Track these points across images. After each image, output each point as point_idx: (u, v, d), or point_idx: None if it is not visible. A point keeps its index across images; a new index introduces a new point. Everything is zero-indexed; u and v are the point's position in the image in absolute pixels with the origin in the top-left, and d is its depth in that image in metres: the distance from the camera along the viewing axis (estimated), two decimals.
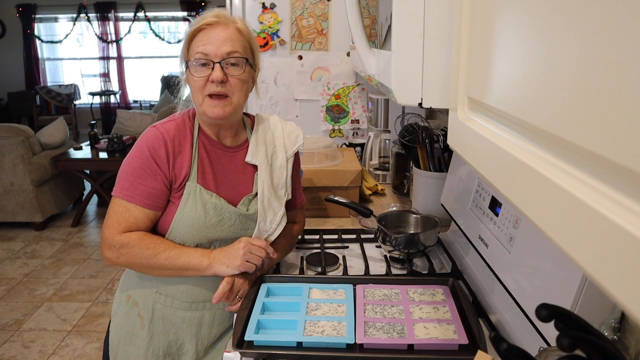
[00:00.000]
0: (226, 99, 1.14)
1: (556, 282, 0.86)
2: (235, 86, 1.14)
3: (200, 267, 1.13)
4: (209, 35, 1.12)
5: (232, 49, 1.12)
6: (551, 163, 0.38)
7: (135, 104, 8.51)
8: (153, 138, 1.14)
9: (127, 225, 1.13)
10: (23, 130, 4.16)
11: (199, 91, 1.13)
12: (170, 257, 1.12)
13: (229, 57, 1.12)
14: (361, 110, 2.43)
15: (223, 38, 1.12)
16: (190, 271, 1.15)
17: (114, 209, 1.14)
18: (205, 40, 1.12)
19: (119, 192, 1.14)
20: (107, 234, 1.14)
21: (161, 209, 1.16)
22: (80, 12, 8.04)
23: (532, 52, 0.41)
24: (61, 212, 4.64)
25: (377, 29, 1.08)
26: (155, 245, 1.13)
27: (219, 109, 1.13)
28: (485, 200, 1.23)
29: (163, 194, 1.14)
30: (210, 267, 1.14)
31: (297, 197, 1.36)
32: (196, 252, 1.14)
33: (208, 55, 1.11)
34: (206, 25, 1.13)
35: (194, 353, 1.24)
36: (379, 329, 1.01)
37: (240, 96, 1.16)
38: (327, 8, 2.32)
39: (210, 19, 1.13)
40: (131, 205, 1.12)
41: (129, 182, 1.13)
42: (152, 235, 1.15)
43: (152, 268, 1.14)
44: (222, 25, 1.13)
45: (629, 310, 0.28)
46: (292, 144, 1.30)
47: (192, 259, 1.13)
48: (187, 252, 1.14)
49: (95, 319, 3.01)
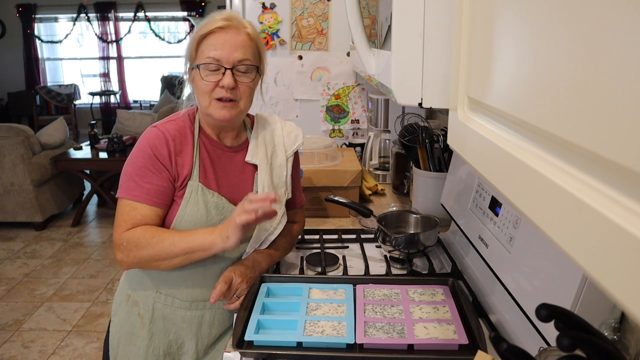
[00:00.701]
0: (233, 103, 1.14)
1: (556, 282, 0.86)
2: (243, 92, 1.15)
3: (204, 244, 1.09)
4: (220, 40, 1.11)
5: (244, 56, 1.12)
6: (551, 163, 0.38)
7: (135, 104, 8.51)
8: (155, 137, 1.14)
9: (135, 222, 1.12)
10: (23, 130, 4.16)
11: (206, 94, 1.13)
12: (174, 242, 1.10)
13: (240, 65, 1.12)
14: (361, 110, 2.43)
15: (235, 44, 1.11)
16: (199, 252, 1.11)
17: (120, 211, 1.13)
18: (218, 44, 1.10)
19: (125, 194, 1.13)
20: (115, 235, 1.13)
21: (168, 207, 1.16)
22: (80, 12, 8.04)
23: (532, 51, 0.41)
24: (61, 212, 4.64)
25: (377, 29, 1.08)
26: (160, 233, 1.11)
27: (226, 111, 1.13)
28: (485, 200, 1.23)
29: (169, 190, 1.14)
30: (215, 243, 1.09)
31: (296, 197, 1.36)
32: (198, 232, 1.12)
33: (220, 60, 1.10)
34: (217, 29, 1.11)
35: (194, 353, 1.24)
36: (379, 329, 1.01)
37: (247, 101, 1.17)
38: (327, 8, 2.32)
39: (222, 22, 1.11)
40: (138, 204, 1.12)
41: (134, 182, 1.12)
42: (156, 227, 1.14)
43: (160, 258, 1.11)
44: (234, 30, 1.12)
45: (629, 310, 0.28)
46: (291, 143, 1.30)
47: (195, 238, 1.10)
48: (190, 234, 1.11)
49: (95, 319, 3.01)
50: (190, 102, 1.23)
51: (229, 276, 1.15)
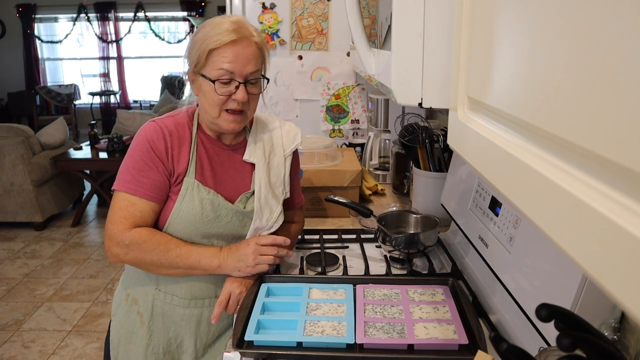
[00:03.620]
0: (243, 114, 1.16)
1: (556, 282, 0.86)
2: (252, 102, 1.17)
3: (211, 267, 1.15)
4: (233, 52, 1.10)
5: (255, 68, 1.13)
6: (551, 163, 0.38)
7: (135, 104, 8.51)
8: (153, 131, 1.15)
9: (134, 220, 1.12)
10: (23, 130, 4.16)
11: (217, 105, 1.13)
12: (181, 255, 1.12)
13: (251, 77, 1.13)
14: (361, 110, 2.43)
15: (247, 57, 1.11)
16: (199, 270, 1.15)
17: (118, 204, 1.13)
18: (231, 57, 1.09)
19: (122, 186, 1.13)
20: (114, 230, 1.12)
21: (163, 202, 1.16)
22: (80, 12, 8.04)
23: (532, 51, 0.41)
24: (61, 212, 4.64)
25: (377, 29, 1.08)
26: (167, 241, 1.13)
27: (235, 124, 1.15)
28: (485, 200, 1.23)
29: (165, 185, 1.15)
30: (220, 268, 1.15)
31: (296, 197, 1.36)
32: (207, 251, 1.15)
33: (234, 73, 1.10)
34: (230, 42, 1.09)
35: (193, 351, 1.24)
36: (379, 329, 1.01)
37: (253, 109, 1.19)
38: (327, 8, 2.32)
39: (233, 35, 1.09)
40: (135, 198, 1.12)
41: (131, 175, 1.13)
42: (161, 232, 1.15)
43: (161, 266, 1.13)
44: (245, 41, 1.11)
45: (629, 310, 0.28)
46: (290, 142, 1.30)
47: (202, 258, 1.14)
48: (197, 250, 1.14)
49: (95, 319, 3.01)
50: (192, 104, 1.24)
51: (227, 293, 1.16)
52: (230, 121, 1.14)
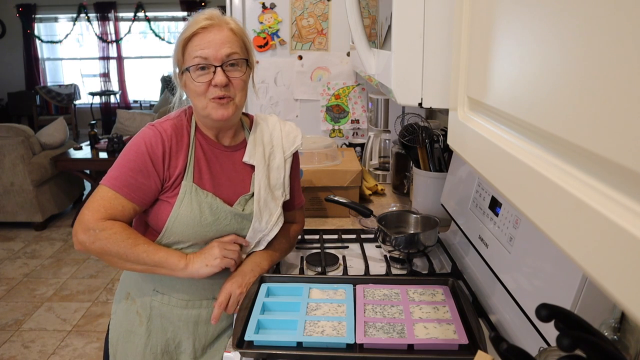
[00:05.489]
0: (229, 99, 1.14)
1: (556, 282, 0.86)
2: (237, 87, 1.14)
3: (177, 267, 1.13)
4: (205, 39, 1.10)
5: (231, 50, 1.12)
6: (551, 163, 0.38)
7: (135, 104, 8.51)
8: (152, 136, 1.14)
9: (113, 213, 1.11)
10: (23, 130, 4.16)
11: (201, 95, 1.12)
12: (148, 251, 1.11)
13: (229, 60, 1.12)
14: (361, 110, 2.43)
15: (220, 40, 1.11)
16: (164, 269, 1.14)
17: (100, 195, 1.12)
18: (203, 44, 1.10)
19: (109, 182, 1.12)
20: (88, 216, 1.10)
21: (146, 206, 1.16)
22: (80, 12, 8.04)
23: (532, 51, 0.41)
24: (61, 212, 4.64)
25: (377, 29, 1.08)
26: (136, 236, 1.12)
27: (223, 110, 1.13)
28: (485, 200, 1.23)
29: (152, 191, 1.14)
30: (187, 268, 1.14)
31: (296, 198, 1.36)
32: (174, 252, 1.15)
33: (207, 59, 1.10)
34: (201, 30, 1.11)
35: (191, 352, 1.24)
36: (379, 329, 1.01)
37: (242, 96, 1.16)
38: (327, 8, 2.32)
39: (204, 22, 1.11)
40: (119, 196, 1.11)
41: (121, 173, 1.12)
42: (133, 229, 1.15)
43: (126, 260, 1.11)
44: (216, 27, 1.12)
45: (629, 310, 0.28)
46: (290, 144, 1.29)
47: (169, 257, 1.13)
48: (165, 250, 1.14)
49: (95, 319, 3.01)
50: (182, 105, 1.24)
51: (226, 295, 1.16)
52: (218, 107, 1.13)
